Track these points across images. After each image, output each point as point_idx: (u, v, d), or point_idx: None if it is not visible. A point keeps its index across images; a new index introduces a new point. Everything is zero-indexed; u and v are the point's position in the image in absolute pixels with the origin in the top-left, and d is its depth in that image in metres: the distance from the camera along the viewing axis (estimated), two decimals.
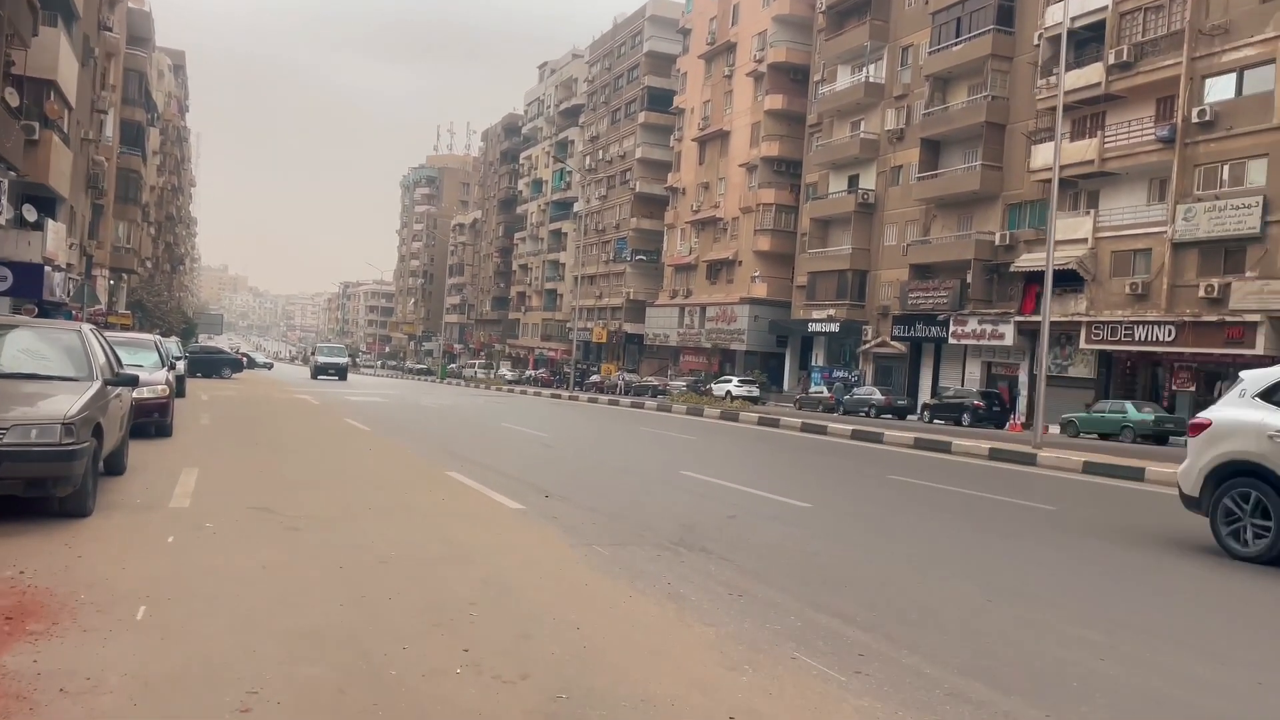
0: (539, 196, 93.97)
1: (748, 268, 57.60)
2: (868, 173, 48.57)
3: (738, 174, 59.35)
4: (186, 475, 9.01)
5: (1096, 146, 35.05)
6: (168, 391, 12.52)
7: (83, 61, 32.00)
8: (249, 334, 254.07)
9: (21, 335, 7.90)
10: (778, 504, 9.19)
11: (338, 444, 13.47)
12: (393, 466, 10.99)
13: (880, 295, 46.98)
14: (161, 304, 69.89)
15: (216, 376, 40.55)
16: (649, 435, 18.53)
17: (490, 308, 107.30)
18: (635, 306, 72.31)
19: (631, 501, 8.98)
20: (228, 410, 19.56)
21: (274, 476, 9.46)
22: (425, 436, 15.51)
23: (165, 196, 79.51)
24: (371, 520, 7.10)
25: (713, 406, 28.82)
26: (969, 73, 41.84)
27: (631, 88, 75.37)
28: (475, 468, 10.98)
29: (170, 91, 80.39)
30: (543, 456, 13.15)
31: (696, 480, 10.98)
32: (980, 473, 13.91)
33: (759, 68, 57.30)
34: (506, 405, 29.21)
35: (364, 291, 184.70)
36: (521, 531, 7.01)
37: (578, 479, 10.66)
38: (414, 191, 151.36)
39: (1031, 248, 38.20)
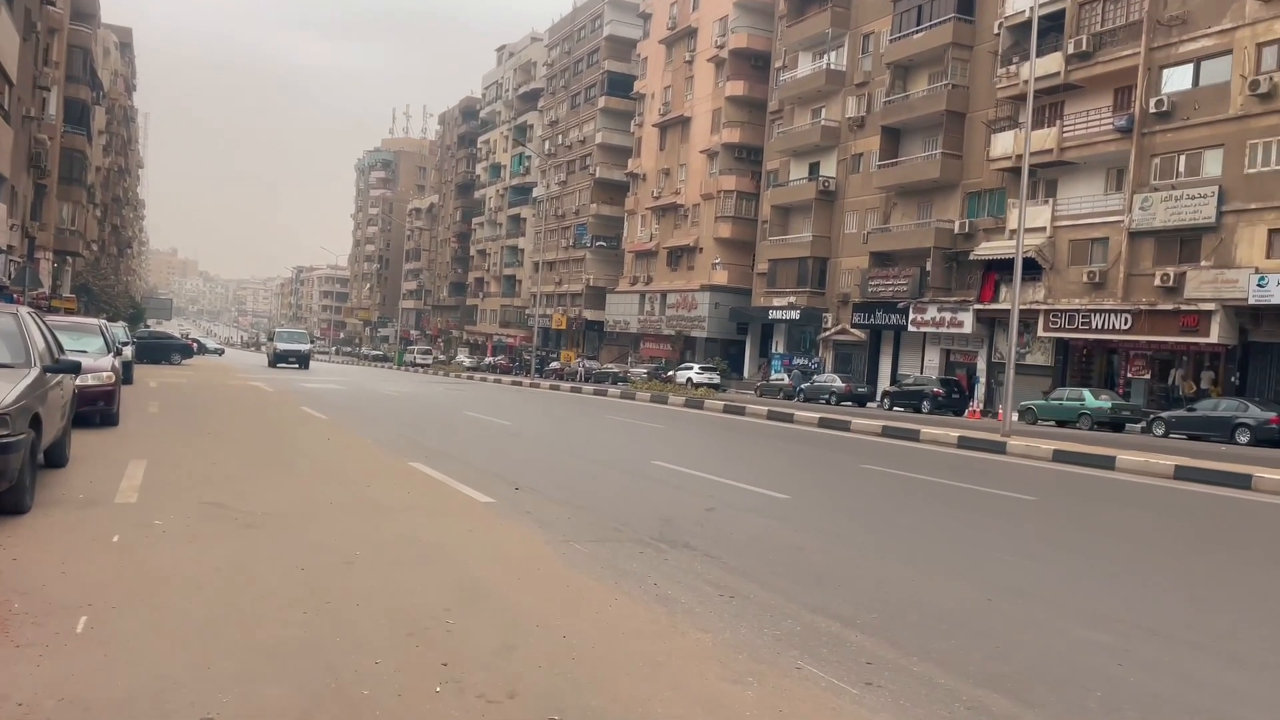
0: (497, 181, 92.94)
1: (708, 255, 57.41)
2: (829, 160, 48.55)
3: (699, 160, 59.05)
4: (134, 467, 8.51)
5: (1055, 136, 35.26)
6: (113, 379, 11.91)
7: (24, 36, 30.79)
8: (199, 319, 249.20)
9: None
10: (755, 495, 8.91)
11: (294, 433, 12.95)
12: (354, 458, 10.53)
13: (840, 283, 47.04)
14: (108, 288, 68.02)
15: (165, 362, 39.44)
16: (616, 424, 18.20)
17: (447, 293, 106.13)
18: (595, 293, 71.85)
19: (605, 494, 8.65)
20: (177, 398, 18.88)
21: (227, 468, 8.98)
22: (386, 426, 15.02)
23: (112, 178, 77.39)
24: (334, 517, 6.69)
25: (677, 394, 28.53)
26: (930, 61, 41.91)
27: (591, 72, 74.68)
28: (440, 458, 10.57)
29: (116, 70, 78.21)
30: (510, 446, 12.76)
31: (669, 471, 10.68)
32: (952, 461, 13.78)
33: (720, 53, 57.00)
34: (467, 393, 28.70)
35: (318, 276, 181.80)
36: (494, 528, 6.64)
37: (548, 470, 10.30)
38: (369, 175, 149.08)
39: (990, 236, 38.46)
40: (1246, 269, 28.68)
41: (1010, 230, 37.16)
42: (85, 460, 8.77)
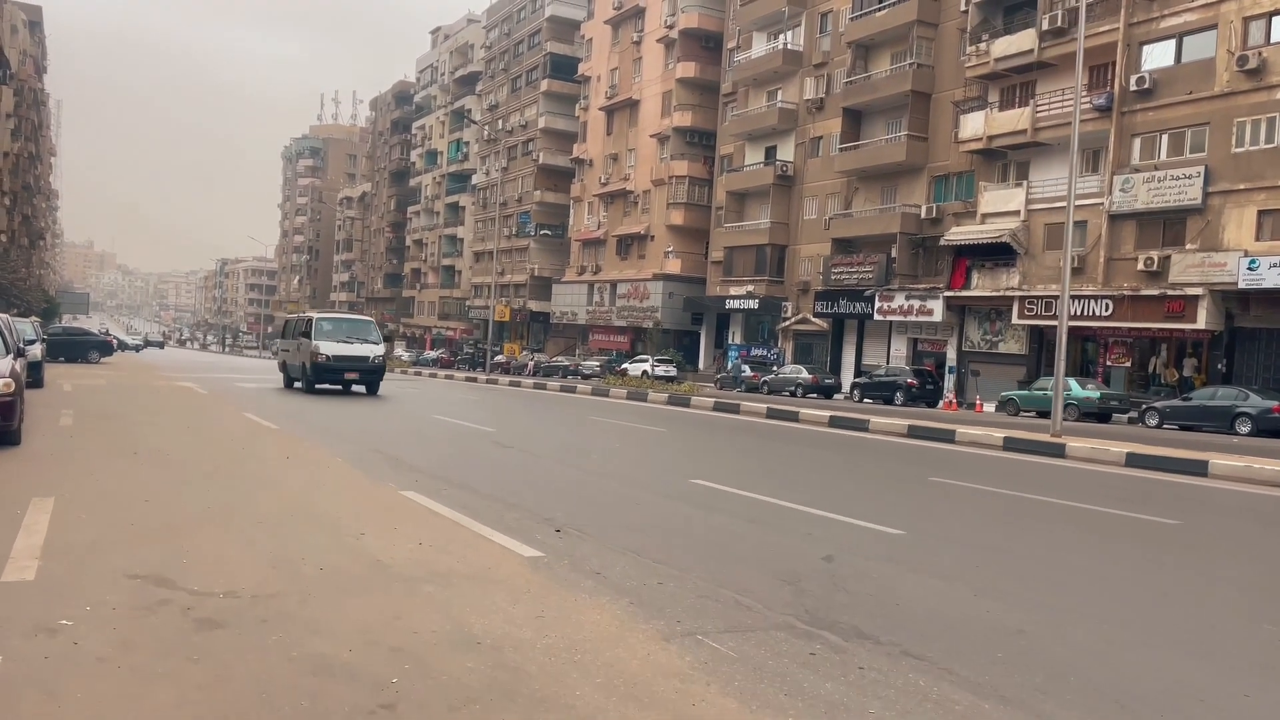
0: (434, 168, 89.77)
1: (660, 243, 55.51)
2: (786, 144, 46.98)
3: (648, 145, 57.06)
4: (36, 511, 6.28)
5: (1029, 116, 34.11)
6: (12, 386, 9.51)
7: None
8: (119, 314, 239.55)
9: None
10: (861, 532, 7.00)
11: (244, 450, 10.67)
12: (327, 486, 8.34)
13: (800, 270, 45.57)
14: (19, 281, 63.64)
15: (82, 361, 36.22)
16: (610, 427, 16.16)
17: (382, 285, 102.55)
18: (540, 283, 69.54)
19: (673, 534, 6.66)
20: (96, 404, 16.32)
21: (164, 508, 6.78)
22: (350, 436, 12.77)
23: (21, 164, 72.58)
24: (331, 598, 4.60)
25: (657, 391, 26.46)
26: (893, 40, 40.55)
27: (533, 54, 72.12)
28: (434, 483, 8.48)
29: (25, 49, 73.45)
30: (507, 462, 10.67)
31: (719, 493, 8.72)
32: (1022, 470, 11.98)
33: (670, 34, 55.05)
34: (424, 392, 26.32)
35: (244, 269, 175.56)
36: (566, 606, 4.61)
37: (572, 496, 8.25)
38: (296, 164, 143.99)
39: (961, 221, 37.24)
40: (1235, 251, 27.75)
41: (983, 214, 36.03)
42: None
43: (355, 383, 21.97)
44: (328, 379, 21.49)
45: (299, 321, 24.36)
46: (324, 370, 21.22)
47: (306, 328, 22.28)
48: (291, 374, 23.42)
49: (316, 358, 21.12)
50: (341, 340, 21.73)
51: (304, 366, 21.73)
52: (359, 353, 21.75)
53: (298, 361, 22.45)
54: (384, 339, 22.97)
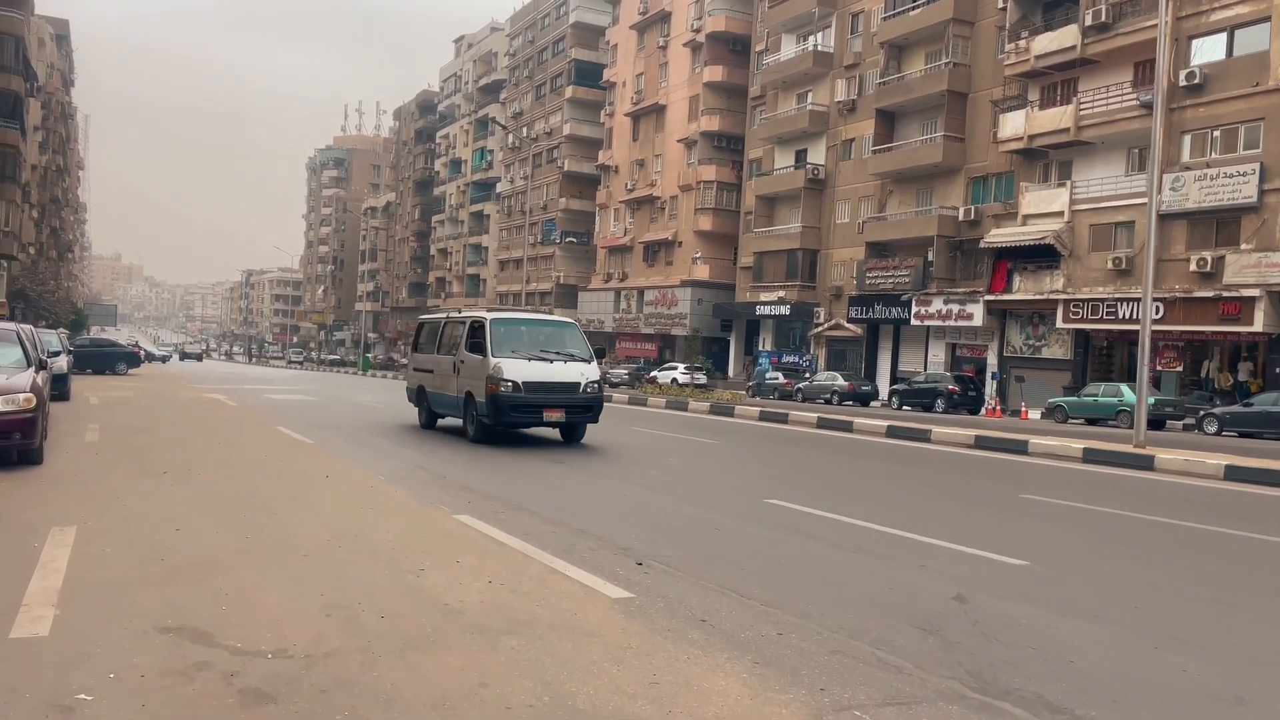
0: (458, 177, 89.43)
1: (688, 249, 54.74)
2: (816, 147, 46.12)
3: (675, 150, 56.34)
4: (55, 544, 5.61)
5: (1072, 114, 33.10)
6: (33, 402, 8.86)
7: None
8: (145, 325, 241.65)
9: None
10: (977, 562, 6.19)
11: (279, 468, 9.98)
12: (373, 507, 7.63)
13: (833, 275, 44.67)
14: (47, 294, 63.73)
15: (110, 372, 35.87)
16: (660, 440, 15.32)
17: (407, 294, 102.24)
18: (566, 291, 68.92)
19: (772, 568, 5.87)
20: (123, 418, 15.74)
21: (197, 538, 6.08)
22: (385, 449, 12.07)
23: (50, 177, 72.86)
24: (398, 655, 3.86)
25: (698, 399, 25.50)
26: (927, 39, 39.64)
27: (557, 61, 71.62)
28: (489, 504, 7.75)
29: (53, 63, 73.71)
30: (564, 481, 9.88)
31: (803, 515, 7.92)
32: (1116, 485, 11.04)
33: (696, 38, 54.33)
34: None
35: (269, 280, 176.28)
36: (677, 664, 3.83)
37: (647, 522, 7.46)
38: (321, 174, 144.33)
39: (1001, 222, 36.25)
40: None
41: (1024, 216, 35.04)
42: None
43: (558, 424, 13.80)
44: (517, 420, 13.20)
45: (456, 325, 15.27)
46: (511, 407, 12.90)
47: (476, 335, 13.84)
48: (439, 406, 15.28)
49: (498, 386, 12.85)
50: (535, 356, 13.47)
51: (467, 400, 13.75)
52: (565, 376, 13.40)
53: (456, 390, 14.25)
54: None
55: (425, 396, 15.77)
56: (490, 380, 12.93)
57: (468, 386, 13.74)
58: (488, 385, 12.93)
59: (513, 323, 14.49)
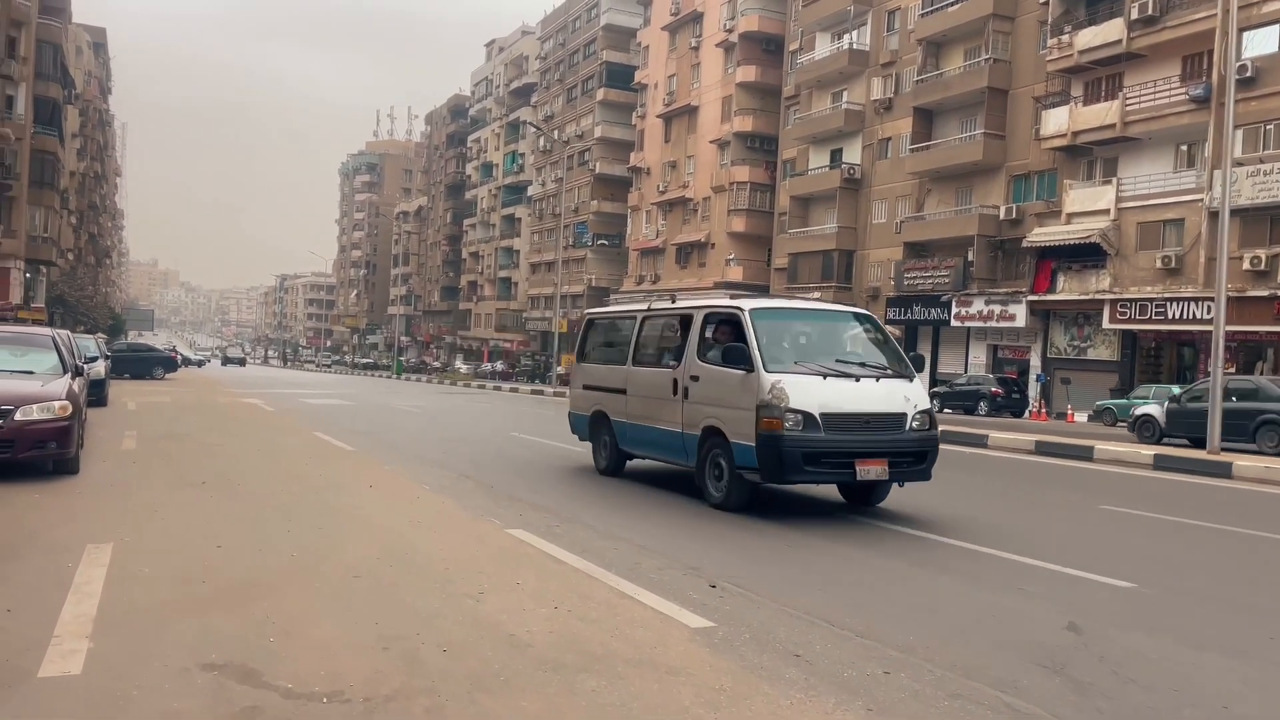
0: (489, 181, 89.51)
1: (721, 250, 54.24)
2: (852, 146, 45.47)
3: (708, 151, 55.86)
4: (90, 564, 5.28)
5: (1118, 110, 32.26)
6: (69, 410, 8.60)
7: None
8: (182, 330, 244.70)
9: None
10: (1081, 584, 5.69)
11: (320, 476, 9.65)
12: (421, 520, 7.25)
13: (869, 276, 43.99)
14: (85, 299, 64.32)
15: (147, 377, 35.96)
16: None
17: (439, 298, 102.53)
18: (598, 294, 68.62)
19: (858, 590, 5.42)
20: (160, 424, 15.54)
21: (240, 557, 5.73)
22: (429, 457, 11.72)
23: (87, 184, 73.71)
24: (465, 697, 3.44)
25: None
26: (966, 35, 38.89)
27: (588, 64, 71.39)
28: (540, 517, 7.37)
29: (90, 70, 74.58)
30: (616, 492, 9.48)
31: (879, 530, 7.45)
32: (1198, 495, 10.42)
33: (729, 38, 53.83)
34: (493, 407, 25.31)
35: (302, 284, 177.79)
36: (780, 711, 3.41)
37: (713, 536, 6.96)
38: (354, 179, 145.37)
39: (1043, 221, 35.44)
40: None
41: (1068, 214, 34.22)
42: (10, 552, 5.53)
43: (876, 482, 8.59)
44: (811, 475, 8.25)
45: (670, 321, 10.30)
46: (806, 455, 8.04)
47: (722, 334, 9.01)
48: (637, 445, 10.47)
49: (781, 420, 8.04)
50: (832, 371, 8.42)
51: (708, 440, 8.89)
52: (884, 404, 8.47)
53: (682, 422, 9.33)
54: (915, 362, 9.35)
55: (608, 427, 10.58)
56: (767, 411, 7.97)
57: (710, 418, 8.63)
58: (762, 419, 7.98)
59: (786, 315, 9.31)
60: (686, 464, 9.27)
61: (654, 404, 9.68)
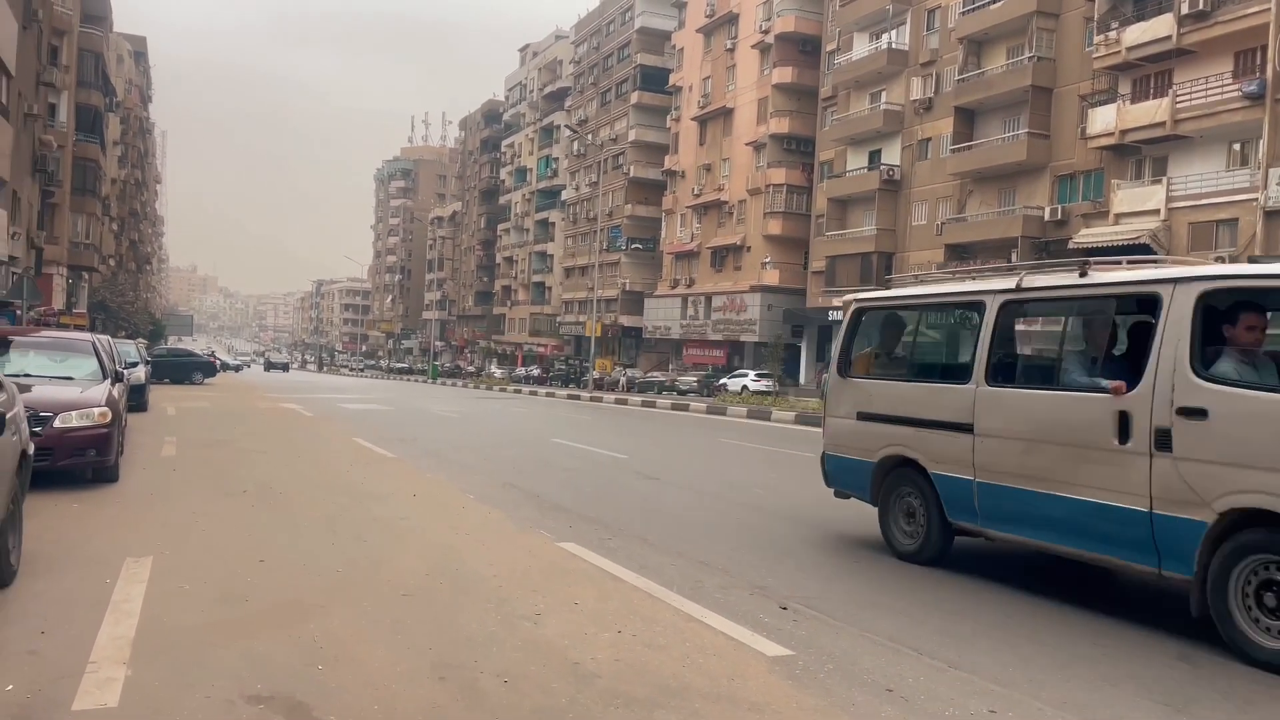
0: (523, 185, 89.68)
1: (757, 253, 53.81)
2: (891, 147, 44.87)
3: (743, 154, 55.47)
4: (129, 580, 5.04)
5: (1167, 107, 31.45)
6: (108, 416, 8.42)
7: (23, 24, 27.60)
8: (220, 335, 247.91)
9: None
10: None
11: (363, 485, 9.40)
12: (468, 532, 6.95)
13: None
14: (126, 305, 65.09)
15: (186, 382, 36.17)
16: (753, 453, 14.47)
17: (473, 303, 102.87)
18: (632, 298, 68.48)
19: (937, 615, 5.04)
20: (200, 430, 15.44)
21: (284, 573, 5.47)
22: (471, 464, 11.46)
23: (128, 191, 74.69)
24: None
25: (781, 409, 24.28)
26: (1009, 33, 38.20)
27: (622, 67, 71.26)
28: (591, 529, 7.06)
29: (131, 79, 75.58)
30: (667, 502, 9.10)
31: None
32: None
33: (765, 39, 53.44)
34: (531, 411, 25.08)
35: (338, 290, 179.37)
36: None
37: (777, 551, 6.62)
38: (389, 185, 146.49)
39: (1090, 222, 34.66)
40: None
41: (1116, 214, 33.43)
42: (46, 565, 5.30)
43: None
44: None
45: (1141, 303, 5.42)
46: None
47: None
48: (1023, 520, 5.78)
49: None
50: None
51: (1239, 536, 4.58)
52: None
53: (1212, 492, 4.68)
54: None
55: (923, 484, 6.51)
56: None
57: (1238, 492, 4.62)
58: None
59: None
60: (1143, 565, 5.03)
61: (1057, 456, 5.48)
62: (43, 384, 8.65)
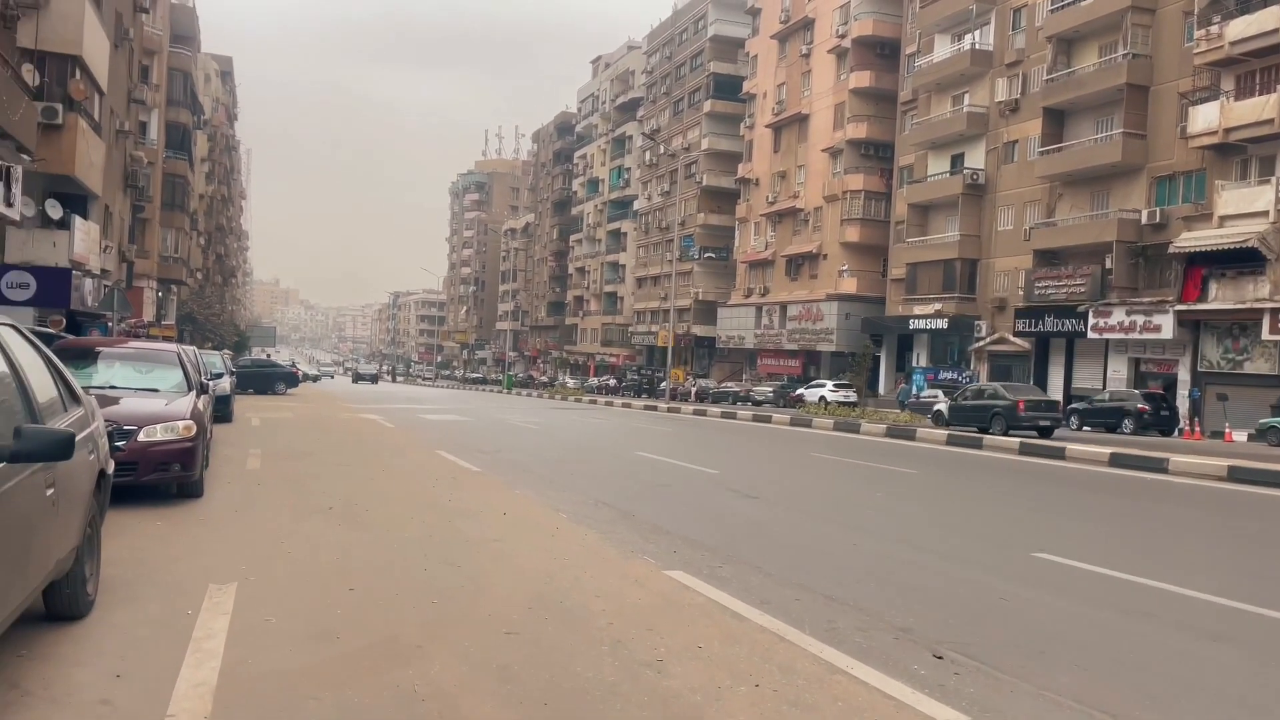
0: (595, 196, 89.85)
1: (834, 261, 52.75)
2: (975, 150, 43.53)
3: (819, 160, 54.50)
4: (212, 611, 4.65)
5: (1276, 104, 29.78)
6: (193, 430, 8.16)
7: (115, 43, 28.24)
8: (301, 346, 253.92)
9: None
10: None
11: (450, 502, 8.98)
12: (567, 557, 6.45)
13: (995, 286, 41.90)
14: (213, 317, 66.71)
15: (270, 392, 36.67)
16: (850, 469, 13.73)
17: (545, 313, 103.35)
18: (704, 307, 67.91)
19: (1126, 668, 4.34)
20: (283, 441, 15.31)
21: (377, 605, 5.02)
22: (559, 480, 10.99)
23: (215, 206, 76.63)
24: None
25: (871, 421, 23.01)
26: (1101, 30, 36.72)
27: (695, 76, 70.89)
28: (698, 555, 6.50)
29: (218, 97, 77.59)
30: (772, 524, 8.52)
31: (1104, 580, 6.26)
32: None
33: (842, 43, 52.47)
34: (609, 423, 24.64)
35: (414, 301, 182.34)
36: None
37: (909, 586, 5.94)
38: (463, 198, 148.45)
39: (1192, 225, 33.00)
40: None
41: (1220, 216, 31.74)
42: (126, 592, 4.94)
43: None
44: None
45: None
46: None
47: None
48: None
49: None
50: None
51: None
52: None
53: None
54: None
55: None
56: None
57: None
58: None
59: None
60: None
61: None
62: (126, 396, 8.43)
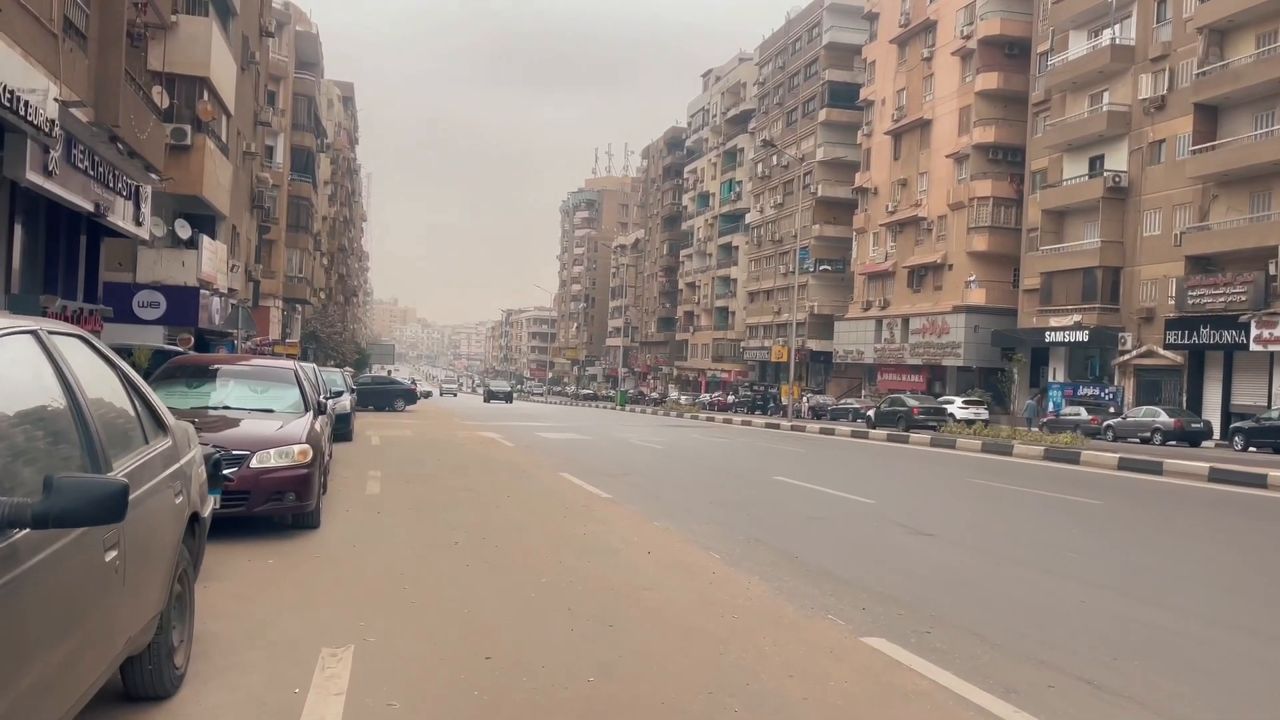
0: (706, 210, 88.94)
1: (960, 271, 50.33)
2: (1116, 151, 40.79)
3: (943, 166, 52.24)
4: (323, 688, 3.79)
5: None
6: (309, 455, 7.42)
7: (242, 66, 28.80)
8: (418, 363, 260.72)
9: None
10: None
11: (584, 537, 8.02)
12: (733, 613, 5.38)
13: (1141, 295, 39.05)
14: (334, 335, 68.42)
15: (389, 409, 36.82)
16: (1020, 498, 12.21)
17: (655, 329, 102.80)
18: (820, 321, 66.04)
19: None
20: (403, 463, 14.72)
21: (516, 683, 4.06)
22: (700, 510, 9.94)
23: (337, 227, 78.83)
24: None
25: (1026, 443, 20.92)
26: (1259, 18, 33.90)
27: (809, 85, 69.29)
28: (891, 614, 5.38)
29: (340, 122, 79.93)
30: (958, 568, 7.26)
31: None
32: None
33: (966, 44, 50.23)
34: (731, 441, 23.49)
35: (526, 318, 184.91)
36: None
37: (1156, 658, 4.80)
38: (573, 216, 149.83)
39: None
40: None
41: None
42: (224, 659, 4.12)
43: None
44: None
45: None
46: None
47: None
48: None
49: None
50: None
51: None
52: None
53: None
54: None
55: None
56: None
57: None
58: None
59: None
60: None
61: None
62: (241, 418, 7.80)
